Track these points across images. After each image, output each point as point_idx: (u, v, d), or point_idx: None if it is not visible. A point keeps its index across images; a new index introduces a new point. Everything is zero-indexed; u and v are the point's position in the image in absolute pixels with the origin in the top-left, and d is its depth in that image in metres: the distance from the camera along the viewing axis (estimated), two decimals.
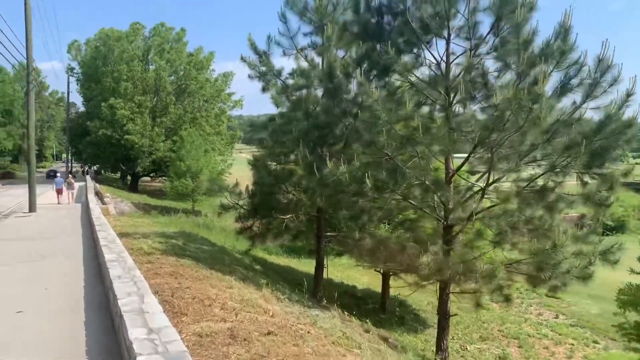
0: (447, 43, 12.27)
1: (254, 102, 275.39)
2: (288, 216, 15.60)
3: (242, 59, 17.35)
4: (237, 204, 16.73)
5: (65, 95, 78.97)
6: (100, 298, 8.10)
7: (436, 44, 12.45)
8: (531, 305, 26.08)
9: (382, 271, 21.02)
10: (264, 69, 16.87)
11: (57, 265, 11.38)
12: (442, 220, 12.03)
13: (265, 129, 17.04)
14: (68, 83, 69.54)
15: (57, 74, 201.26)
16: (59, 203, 30.58)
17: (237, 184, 16.87)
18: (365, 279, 29.74)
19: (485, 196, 11.84)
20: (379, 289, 26.93)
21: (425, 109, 12.69)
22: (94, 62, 60.81)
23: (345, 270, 32.66)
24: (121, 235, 13.93)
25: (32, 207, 25.26)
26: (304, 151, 12.22)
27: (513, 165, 10.17)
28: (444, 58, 12.33)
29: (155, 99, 61.09)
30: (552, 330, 21.97)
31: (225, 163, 62.49)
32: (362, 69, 10.89)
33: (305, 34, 16.77)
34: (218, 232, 31.05)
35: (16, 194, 37.49)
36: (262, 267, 19.87)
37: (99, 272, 9.95)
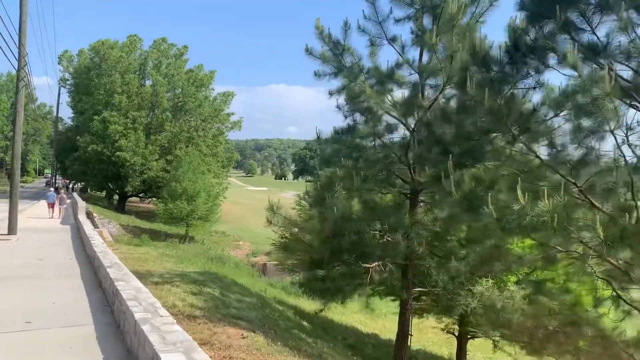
0: None
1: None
2: (374, 264, 11.04)
3: (307, 50, 13.09)
4: (310, 245, 12.06)
5: (55, 108, 74.14)
6: None
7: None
8: None
9: (456, 333, 16.47)
10: (338, 63, 12.58)
11: (50, 346, 6.70)
12: None
13: (339, 144, 12.53)
14: (59, 94, 64.66)
15: (51, 88, 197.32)
16: (51, 217, 29.11)
17: (310, 218, 12.29)
18: (378, 324, 24.40)
19: None
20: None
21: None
22: (86, 72, 56.43)
23: (354, 314, 26.88)
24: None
25: (12, 229, 20.35)
26: (460, 174, 7.73)
27: None
28: None
29: (150, 115, 56.66)
30: None
31: (221, 186, 58.34)
32: (576, 43, 6.66)
33: (397, 20, 12.56)
34: (234, 268, 26.34)
35: None
36: (307, 322, 15.29)
37: None
